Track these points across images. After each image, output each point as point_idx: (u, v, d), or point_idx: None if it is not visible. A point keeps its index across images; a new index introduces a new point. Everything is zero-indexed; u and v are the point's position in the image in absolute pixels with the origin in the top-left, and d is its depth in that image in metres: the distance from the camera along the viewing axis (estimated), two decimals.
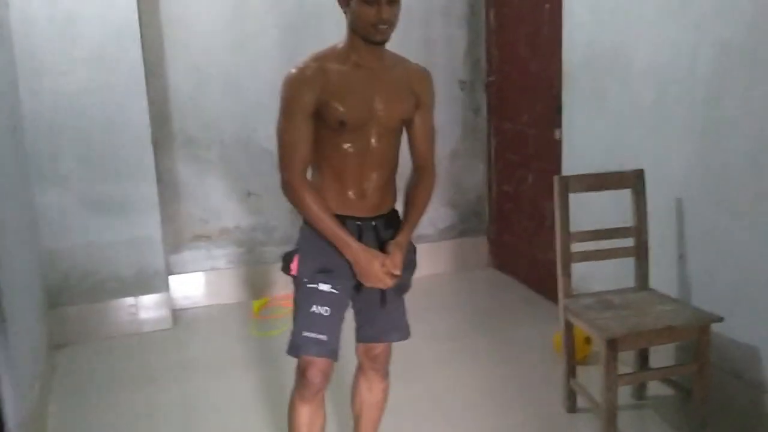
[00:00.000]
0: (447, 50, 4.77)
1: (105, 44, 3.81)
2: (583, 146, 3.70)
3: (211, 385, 3.43)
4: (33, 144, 3.76)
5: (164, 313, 4.13)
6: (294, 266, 2.25)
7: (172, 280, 4.34)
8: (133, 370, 3.65)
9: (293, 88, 2.15)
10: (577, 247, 2.96)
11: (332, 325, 2.23)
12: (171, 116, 4.28)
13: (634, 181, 2.99)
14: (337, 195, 2.24)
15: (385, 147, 2.23)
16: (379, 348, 2.41)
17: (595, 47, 3.53)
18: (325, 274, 2.22)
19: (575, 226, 2.94)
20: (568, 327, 2.96)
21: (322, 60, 2.18)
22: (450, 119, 4.81)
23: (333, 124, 2.15)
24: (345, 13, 2.15)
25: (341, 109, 2.13)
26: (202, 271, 4.48)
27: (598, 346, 2.69)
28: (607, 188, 3.06)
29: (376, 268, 2.18)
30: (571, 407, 3.03)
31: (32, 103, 3.73)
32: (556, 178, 2.93)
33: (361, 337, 2.41)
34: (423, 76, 2.32)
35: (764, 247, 2.68)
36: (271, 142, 4.35)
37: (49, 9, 3.70)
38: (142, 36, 3.92)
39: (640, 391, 3.11)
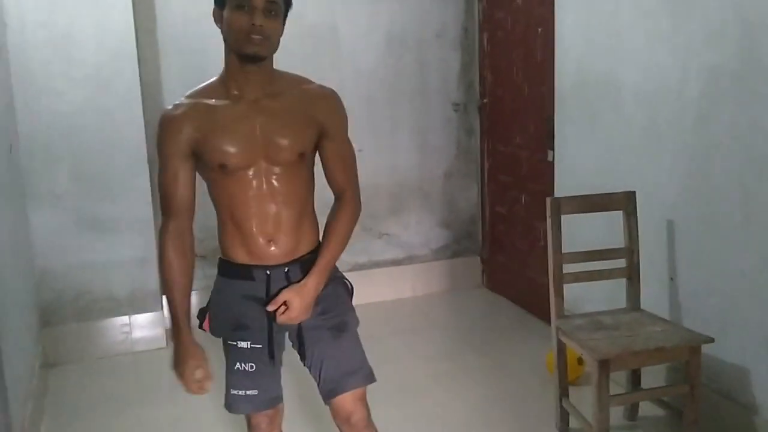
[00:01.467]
0: (441, 72, 4.82)
1: (102, 64, 3.84)
2: (575, 168, 3.74)
3: (204, 406, 3.42)
4: (28, 163, 3.78)
5: (158, 332, 4.12)
6: (207, 324, 2.11)
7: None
8: (126, 389, 3.64)
9: (164, 128, 1.95)
10: (569, 268, 2.98)
11: (262, 377, 2.09)
12: None
13: (625, 202, 3.02)
14: (242, 243, 2.01)
15: (286, 185, 1.98)
16: (347, 406, 2.08)
17: (587, 71, 3.57)
18: (242, 330, 2.06)
19: (567, 247, 2.97)
20: (561, 347, 2.98)
21: (197, 96, 1.97)
22: (444, 140, 4.86)
23: (214, 167, 1.94)
24: (221, 31, 1.92)
25: (219, 150, 1.91)
26: (196, 290, 4.46)
27: (591, 367, 2.70)
28: (598, 210, 3.09)
29: (186, 372, 1.98)
30: (564, 428, 3.04)
31: (28, 123, 3.75)
32: (548, 200, 2.96)
33: (322, 394, 2.11)
34: (325, 98, 2.04)
35: (754, 269, 2.71)
36: None
37: (46, 30, 3.73)
38: (139, 57, 3.95)
39: (631, 412, 3.12)
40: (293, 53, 4.45)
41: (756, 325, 2.72)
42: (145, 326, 4.10)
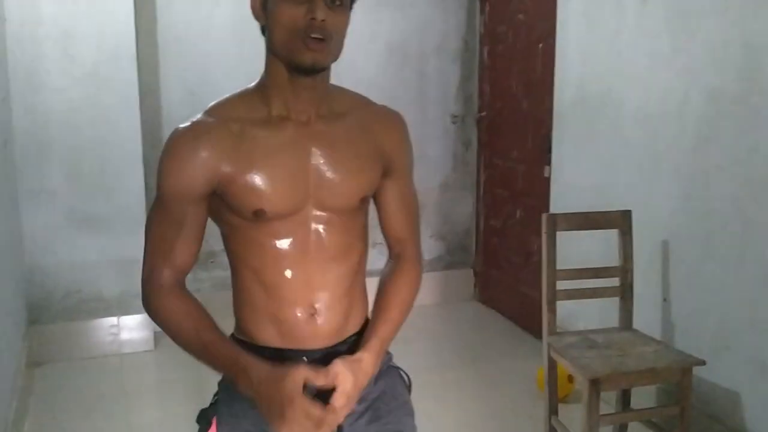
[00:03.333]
0: (440, 84, 4.82)
1: (100, 63, 3.82)
2: (571, 185, 3.73)
3: (190, 409, 3.38)
4: (22, 159, 3.76)
5: (146, 334, 4.09)
6: None
7: None
8: (112, 391, 3.61)
9: (173, 155, 1.40)
10: (562, 284, 2.97)
11: None
12: (163, 137, 4.26)
13: (621, 221, 3.02)
14: (272, 318, 1.45)
15: (339, 238, 1.47)
16: None
17: (587, 88, 3.57)
18: None
19: (561, 264, 2.96)
20: (552, 364, 2.96)
21: (224, 111, 1.44)
22: (441, 152, 4.86)
23: (245, 214, 1.40)
24: (262, 30, 1.44)
25: (256, 191, 1.38)
26: None
27: (581, 385, 2.68)
28: (594, 227, 3.08)
29: (294, 405, 1.29)
30: None
31: (24, 119, 3.73)
32: (544, 216, 2.95)
33: None
34: (394, 125, 1.56)
35: (748, 293, 2.70)
36: None
37: (47, 26, 3.72)
38: (138, 56, 3.94)
39: None
40: None
41: (748, 349, 2.71)
42: (134, 328, 4.07)
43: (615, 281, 3.03)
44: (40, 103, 3.76)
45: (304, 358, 1.43)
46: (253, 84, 1.49)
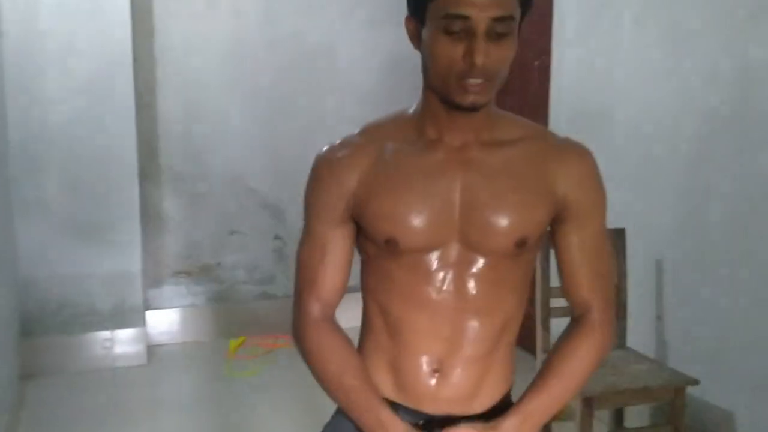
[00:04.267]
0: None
1: (97, 75, 3.82)
2: None
3: (182, 425, 3.38)
4: (17, 170, 3.74)
5: (139, 348, 4.07)
6: None
7: (150, 315, 4.29)
8: (104, 405, 3.58)
9: (315, 179, 1.34)
10: (556, 302, 2.97)
11: None
12: (159, 150, 4.29)
13: (614, 239, 3.02)
14: (390, 364, 1.33)
15: (487, 287, 1.29)
16: None
17: (582, 106, 3.58)
18: None
19: (556, 281, 2.95)
20: None
21: (373, 131, 1.33)
22: None
23: (378, 242, 1.29)
24: (415, 47, 1.31)
25: (391, 217, 1.25)
26: (181, 307, 4.44)
27: (574, 404, 2.68)
28: None
29: None
30: None
31: (20, 131, 3.72)
32: None
33: None
34: (576, 161, 1.33)
35: (742, 313, 2.70)
36: (259, 181, 4.42)
37: (44, 39, 3.72)
38: (135, 69, 3.94)
39: None
40: (291, 73, 4.51)
41: (742, 369, 2.71)
42: (127, 342, 4.05)
43: None
44: (37, 115, 3.75)
45: (421, 422, 1.30)
46: (409, 108, 1.35)
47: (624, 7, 3.26)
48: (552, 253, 1.53)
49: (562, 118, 3.74)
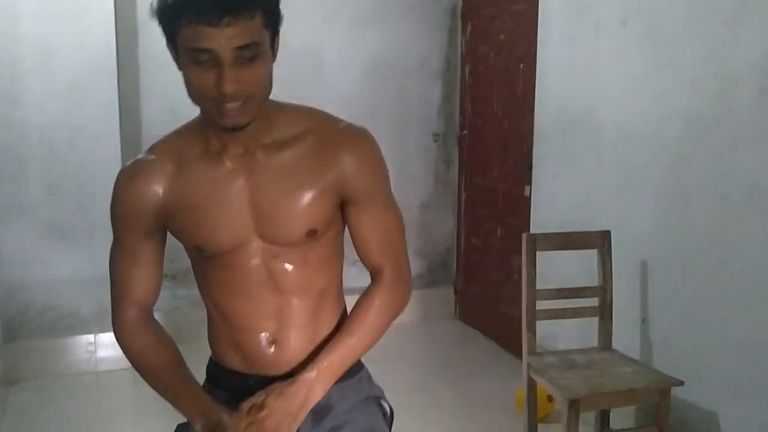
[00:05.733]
0: (422, 102, 4.83)
1: (81, 78, 3.80)
2: (551, 204, 3.75)
3: (166, 428, 3.34)
4: None
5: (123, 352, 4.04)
6: None
7: None
8: (88, 410, 3.56)
9: (120, 195, 1.46)
10: (542, 304, 2.98)
11: None
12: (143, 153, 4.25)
13: (600, 241, 3.03)
14: (234, 344, 1.49)
15: (296, 268, 1.44)
16: None
17: (567, 109, 3.60)
18: None
19: (541, 284, 2.96)
20: (531, 385, 2.96)
21: (165, 147, 1.45)
22: (422, 170, 4.87)
23: (189, 248, 1.47)
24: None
25: (192, 228, 1.40)
26: (165, 310, 4.41)
27: (560, 405, 2.68)
28: (574, 248, 3.09)
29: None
30: None
31: (1, 134, 3.70)
32: (524, 236, 2.95)
33: None
34: (357, 146, 1.44)
35: (726, 314, 2.72)
36: None
37: (26, 41, 3.69)
38: (118, 72, 3.92)
39: None
40: (276, 77, 4.49)
41: (727, 370, 2.72)
42: (111, 345, 4.00)
43: (594, 301, 3.04)
44: (18, 118, 3.72)
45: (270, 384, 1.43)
46: (191, 122, 1.47)
47: (607, 12, 3.28)
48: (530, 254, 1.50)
49: (547, 121, 3.76)
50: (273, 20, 1.30)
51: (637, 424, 3.12)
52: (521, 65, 4.09)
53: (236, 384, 1.48)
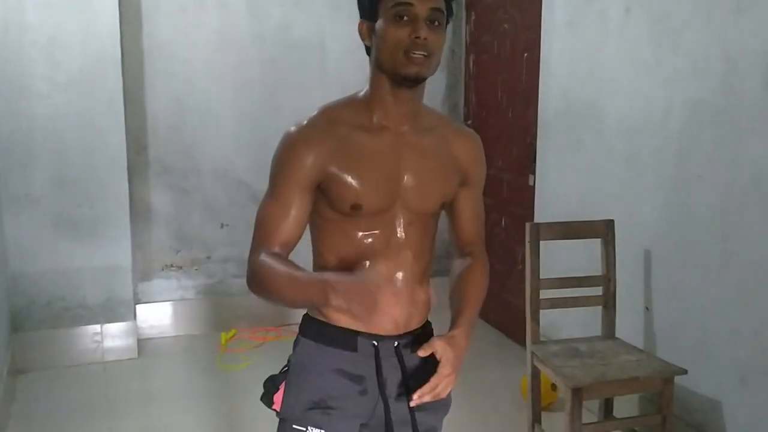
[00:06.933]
0: (426, 92, 4.72)
1: (85, 69, 3.81)
2: (555, 194, 3.75)
3: (173, 418, 3.38)
4: (5, 165, 3.73)
5: (130, 342, 4.07)
6: (278, 398, 1.65)
7: (140, 308, 4.29)
8: (95, 399, 3.59)
9: (287, 152, 1.59)
10: (546, 293, 2.99)
11: None
12: (148, 144, 4.28)
13: (604, 231, 3.04)
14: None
15: (419, 236, 1.67)
16: None
17: (571, 98, 3.60)
18: (322, 412, 1.60)
19: (545, 273, 2.97)
20: (535, 373, 2.97)
21: (333, 115, 1.62)
22: None
23: (343, 208, 1.58)
24: (367, 49, 1.62)
25: (356, 188, 1.56)
26: (171, 300, 4.44)
27: (564, 394, 2.70)
28: (577, 237, 3.09)
29: (384, 290, 1.45)
30: None
31: (8, 125, 3.71)
32: (528, 225, 2.96)
33: None
34: (472, 144, 1.75)
35: (730, 303, 2.72)
36: (248, 174, 4.42)
37: (32, 32, 3.70)
38: (123, 63, 3.93)
39: None
40: (279, 66, 4.50)
41: (730, 359, 2.73)
42: (117, 336, 4.05)
43: (598, 290, 3.04)
44: (24, 109, 3.74)
45: (374, 342, 1.62)
46: (360, 93, 1.66)
47: (611, 0, 3.27)
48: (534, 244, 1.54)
49: (551, 111, 3.76)
50: (450, 7, 1.58)
51: (640, 413, 3.13)
52: (525, 54, 4.08)
53: (343, 341, 1.62)
